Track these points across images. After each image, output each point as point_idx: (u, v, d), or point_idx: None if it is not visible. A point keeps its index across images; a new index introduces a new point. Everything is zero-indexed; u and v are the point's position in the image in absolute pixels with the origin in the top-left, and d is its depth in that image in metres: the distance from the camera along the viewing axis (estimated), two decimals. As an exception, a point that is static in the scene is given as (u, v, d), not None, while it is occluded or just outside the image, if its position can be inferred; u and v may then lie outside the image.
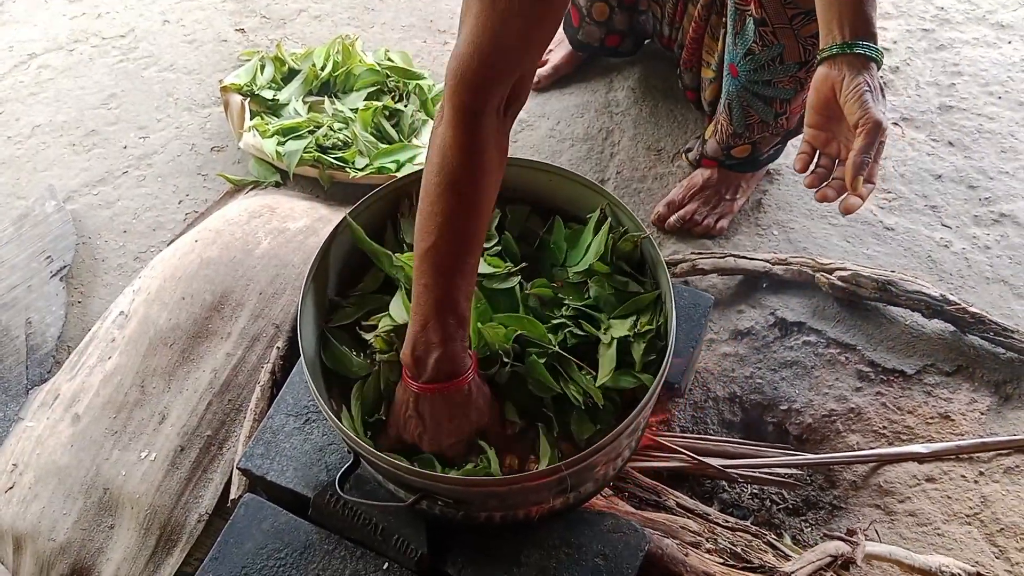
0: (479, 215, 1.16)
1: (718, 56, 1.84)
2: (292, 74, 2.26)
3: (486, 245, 1.37)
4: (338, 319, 1.35)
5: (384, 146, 2.09)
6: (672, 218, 2.01)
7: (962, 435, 1.72)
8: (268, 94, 2.18)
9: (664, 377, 1.20)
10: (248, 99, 2.16)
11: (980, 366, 1.79)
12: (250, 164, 2.16)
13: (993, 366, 1.79)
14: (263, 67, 2.24)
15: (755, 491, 1.75)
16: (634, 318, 1.30)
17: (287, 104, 2.19)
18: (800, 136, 1.85)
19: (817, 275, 1.86)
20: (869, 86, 1.22)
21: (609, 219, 1.37)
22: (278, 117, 2.16)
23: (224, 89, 2.18)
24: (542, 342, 1.27)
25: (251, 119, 2.12)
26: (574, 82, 2.31)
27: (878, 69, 1.25)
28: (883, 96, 1.24)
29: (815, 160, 1.32)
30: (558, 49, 2.31)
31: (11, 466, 1.65)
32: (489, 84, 1.10)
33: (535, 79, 2.30)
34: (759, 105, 1.76)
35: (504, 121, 1.15)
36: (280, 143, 2.07)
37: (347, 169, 2.05)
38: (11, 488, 1.62)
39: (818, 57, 1.27)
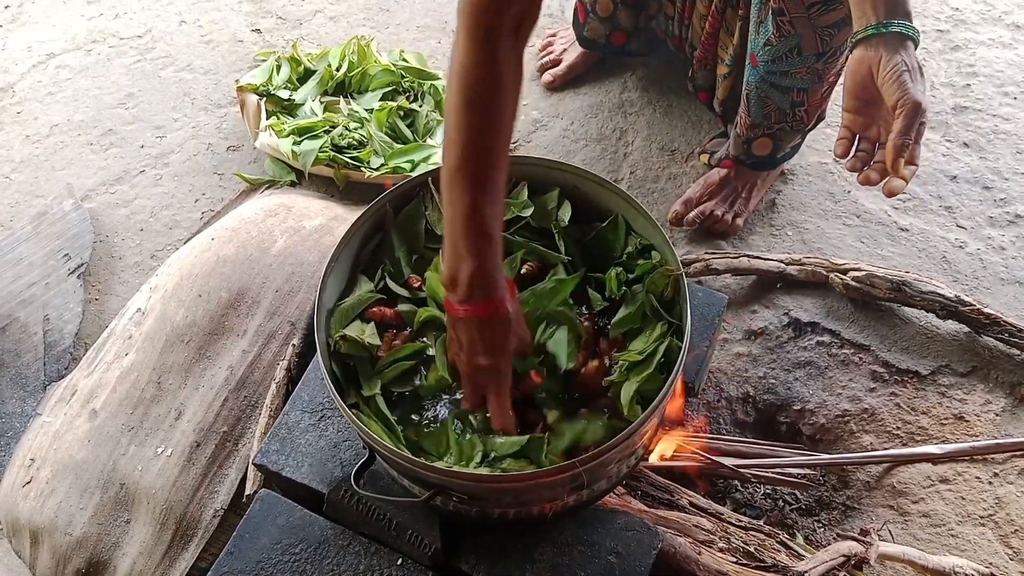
0: (500, 130, 1.17)
1: (732, 51, 1.84)
2: (308, 74, 2.27)
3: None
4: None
5: (399, 146, 2.10)
6: (691, 214, 2.00)
7: (976, 436, 1.72)
8: (284, 94, 2.19)
9: (677, 377, 1.21)
10: (264, 99, 2.17)
11: (995, 367, 1.79)
12: (266, 163, 2.17)
13: (1008, 367, 1.78)
14: (279, 67, 2.25)
15: (768, 491, 1.75)
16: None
17: (303, 104, 2.20)
18: (818, 129, 1.84)
19: (831, 275, 1.86)
20: (907, 65, 1.19)
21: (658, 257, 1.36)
22: (294, 117, 2.18)
23: (240, 89, 2.19)
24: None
25: (267, 119, 2.13)
26: (588, 82, 2.32)
27: (915, 48, 1.22)
28: (921, 75, 1.21)
29: (855, 144, 1.29)
30: (572, 48, 2.31)
31: (29, 461, 1.66)
32: (503, 2, 1.12)
33: (550, 79, 2.30)
34: (776, 95, 1.75)
35: (517, 43, 1.16)
36: (296, 142, 2.08)
37: (362, 168, 2.06)
38: (29, 483, 1.64)
39: (852, 40, 1.24)
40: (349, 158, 2.07)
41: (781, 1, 1.58)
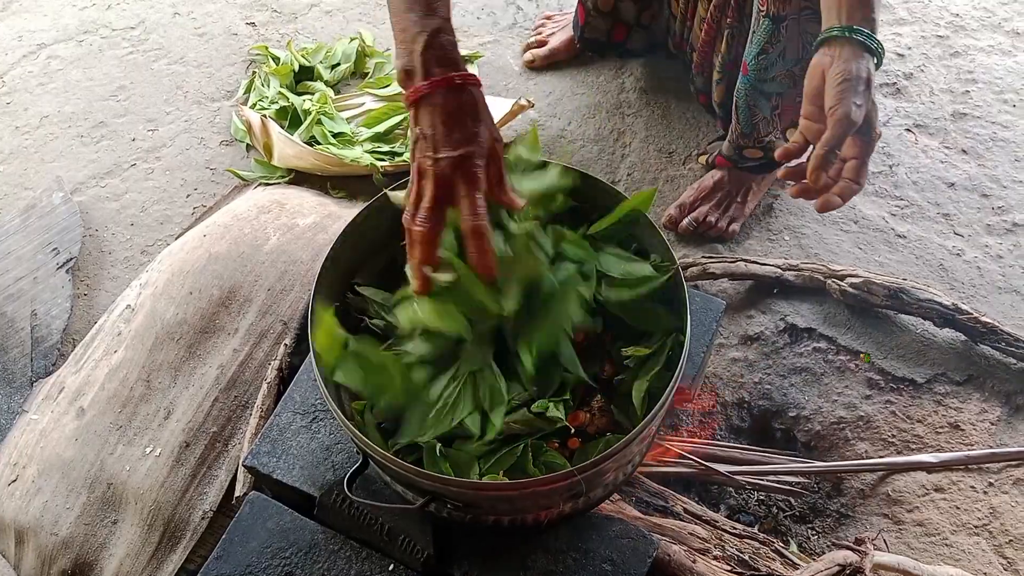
0: None
1: (722, 59, 1.84)
2: (303, 72, 2.25)
3: None
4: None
5: None
6: (684, 221, 2.00)
7: (972, 445, 1.71)
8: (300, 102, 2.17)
9: (676, 386, 1.19)
10: (265, 116, 2.13)
11: (991, 376, 1.78)
12: (251, 164, 2.15)
13: (1004, 376, 1.77)
14: (268, 83, 2.23)
15: (762, 497, 1.74)
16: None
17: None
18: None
19: (828, 281, 1.85)
20: (852, 75, 1.14)
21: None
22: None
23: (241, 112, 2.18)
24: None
25: (276, 128, 2.09)
26: (585, 82, 2.30)
27: (876, 61, 1.18)
28: (867, 89, 1.16)
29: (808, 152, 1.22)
30: (559, 33, 2.32)
31: (14, 459, 1.64)
32: None
33: (530, 59, 2.32)
34: (763, 103, 1.75)
35: None
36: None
37: None
38: (14, 481, 1.61)
39: (816, 41, 1.21)
40: None
41: (779, 8, 1.57)
